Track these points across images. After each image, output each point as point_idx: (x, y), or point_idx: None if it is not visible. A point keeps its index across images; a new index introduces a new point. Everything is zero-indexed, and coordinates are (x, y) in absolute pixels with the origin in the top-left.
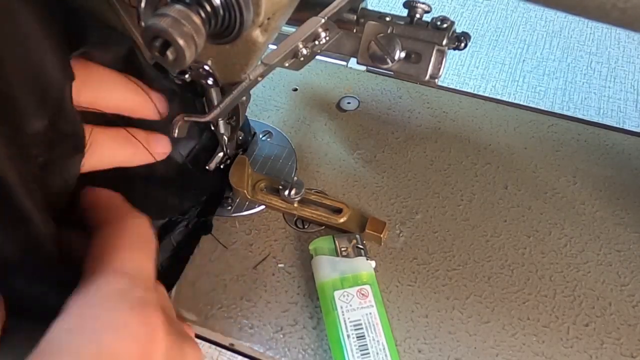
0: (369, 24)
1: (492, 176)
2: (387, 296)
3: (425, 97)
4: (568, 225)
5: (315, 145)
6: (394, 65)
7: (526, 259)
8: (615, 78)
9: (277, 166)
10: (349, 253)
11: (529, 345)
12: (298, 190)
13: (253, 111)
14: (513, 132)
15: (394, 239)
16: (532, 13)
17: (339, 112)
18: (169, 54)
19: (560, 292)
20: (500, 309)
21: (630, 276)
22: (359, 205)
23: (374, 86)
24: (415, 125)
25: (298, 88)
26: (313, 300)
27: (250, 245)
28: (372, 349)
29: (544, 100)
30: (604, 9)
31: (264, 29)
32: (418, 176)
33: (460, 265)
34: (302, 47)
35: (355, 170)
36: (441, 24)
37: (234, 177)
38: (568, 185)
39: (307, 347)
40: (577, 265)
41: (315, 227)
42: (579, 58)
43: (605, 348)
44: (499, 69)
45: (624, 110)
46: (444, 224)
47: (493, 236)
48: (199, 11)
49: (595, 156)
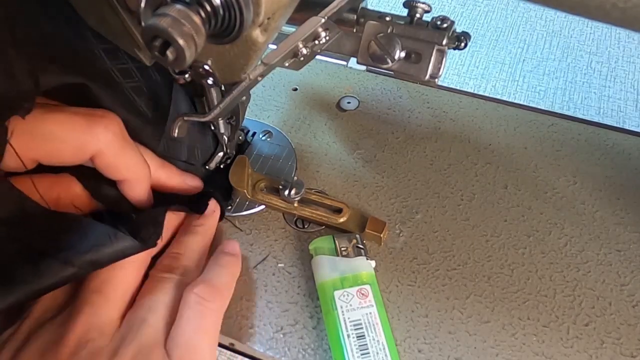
0: (369, 24)
1: (492, 176)
2: (387, 296)
3: (425, 97)
4: (568, 225)
5: (315, 145)
6: (394, 65)
7: (526, 259)
8: (615, 78)
9: (277, 166)
10: (349, 253)
11: (529, 345)
12: (298, 190)
13: (253, 111)
14: (513, 132)
15: (394, 238)
16: (532, 13)
17: (339, 112)
18: (169, 54)
19: (560, 292)
20: (500, 308)
21: (630, 276)
22: (359, 205)
23: (374, 86)
24: (415, 125)
25: (298, 88)
26: (313, 300)
27: (251, 245)
28: (372, 348)
29: (544, 100)
30: (604, 8)
31: (264, 29)
32: (418, 176)
33: (460, 265)
34: (302, 47)
35: (355, 170)
36: (441, 24)
37: (234, 177)
38: (568, 185)
39: (307, 347)
40: (577, 265)
41: (315, 227)
42: (579, 58)
43: (605, 348)
44: (498, 68)
45: (624, 110)
46: (444, 224)
47: (493, 236)
48: (199, 11)
49: (595, 156)
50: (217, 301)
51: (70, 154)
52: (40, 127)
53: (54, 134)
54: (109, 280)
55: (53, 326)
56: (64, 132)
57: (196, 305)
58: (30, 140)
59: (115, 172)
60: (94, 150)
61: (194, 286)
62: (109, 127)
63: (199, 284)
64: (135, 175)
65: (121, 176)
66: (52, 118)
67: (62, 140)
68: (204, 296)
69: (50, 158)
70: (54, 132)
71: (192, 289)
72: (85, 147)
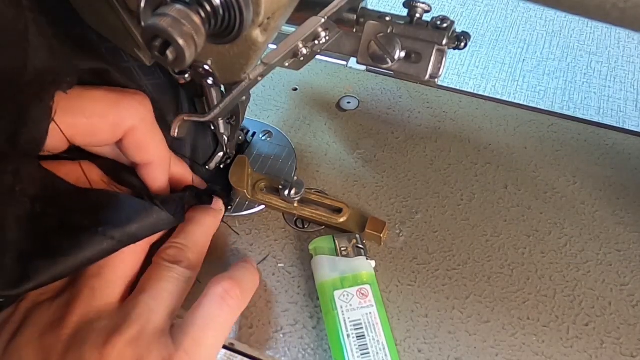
0: (369, 24)
1: (492, 176)
2: (387, 296)
3: (425, 97)
4: (568, 225)
5: (315, 145)
6: (394, 65)
7: (526, 259)
8: (615, 78)
9: (277, 166)
10: (349, 253)
11: (529, 345)
12: (298, 190)
13: (253, 111)
14: (513, 132)
15: (394, 238)
16: (532, 13)
17: (339, 112)
18: (169, 54)
19: (560, 292)
20: (500, 308)
21: (630, 276)
22: (359, 205)
23: (374, 86)
24: (415, 125)
25: (298, 88)
26: (313, 300)
27: (251, 245)
28: (372, 348)
29: (544, 100)
30: (604, 8)
31: (264, 29)
32: (418, 176)
33: (460, 265)
34: (302, 47)
35: (355, 170)
36: (441, 24)
37: (234, 177)
38: (568, 185)
39: (307, 347)
40: (577, 265)
41: (315, 227)
42: (579, 58)
43: (605, 348)
44: (498, 68)
45: (624, 110)
46: (444, 224)
47: (493, 236)
48: (199, 11)
49: (595, 156)
50: (239, 300)
51: (106, 131)
52: (76, 104)
53: (91, 110)
54: (108, 265)
55: (52, 308)
56: (101, 108)
57: (219, 298)
58: (68, 117)
59: (144, 151)
60: (129, 126)
61: (222, 280)
62: (143, 103)
63: (226, 279)
64: (160, 157)
65: (148, 156)
66: (88, 95)
67: (100, 115)
68: (228, 291)
69: (86, 136)
70: (91, 108)
71: (220, 282)
72: (121, 122)
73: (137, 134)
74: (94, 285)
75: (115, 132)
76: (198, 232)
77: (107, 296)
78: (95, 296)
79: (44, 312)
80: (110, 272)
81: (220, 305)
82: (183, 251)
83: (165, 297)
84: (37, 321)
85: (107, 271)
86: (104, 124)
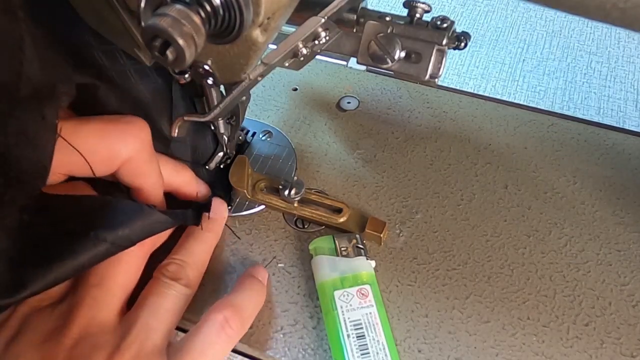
0: (369, 24)
1: (492, 176)
2: (387, 296)
3: (425, 97)
4: (568, 225)
5: (315, 145)
6: (394, 65)
7: (526, 259)
8: (615, 78)
9: (277, 166)
10: (349, 253)
11: (529, 345)
12: (298, 190)
13: (253, 111)
14: (513, 132)
15: (394, 238)
16: (532, 13)
17: (339, 112)
18: (169, 54)
19: (560, 292)
20: (500, 308)
21: (630, 276)
22: (359, 205)
23: (374, 86)
24: (415, 125)
25: (298, 88)
26: (313, 300)
27: (251, 245)
28: (372, 348)
29: (544, 100)
30: (604, 9)
31: (264, 29)
32: (418, 176)
33: (460, 265)
34: (302, 47)
35: (355, 170)
36: (441, 24)
37: (234, 177)
38: (568, 185)
39: (307, 347)
40: (577, 265)
41: (315, 227)
42: (579, 58)
43: (605, 348)
44: (498, 68)
45: (624, 110)
46: (444, 224)
47: (493, 236)
48: (199, 11)
49: (595, 156)
50: (238, 330)
51: (103, 164)
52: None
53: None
54: (109, 275)
55: (53, 315)
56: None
57: (219, 326)
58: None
59: (141, 179)
60: (125, 158)
61: (223, 307)
62: (139, 135)
63: (227, 307)
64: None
65: (145, 184)
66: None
67: (95, 151)
68: (229, 320)
69: (83, 171)
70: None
71: (221, 310)
72: (117, 155)
73: (133, 164)
74: (95, 295)
75: (111, 165)
76: (198, 249)
77: (108, 306)
78: (96, 306)
79: (45, 319)
80: (111, 282)
81: (218, 334)
82: (183, 268)
83: (163, 315)
84: (38, 327)
85: (108, 281)
86: (100, 158)
